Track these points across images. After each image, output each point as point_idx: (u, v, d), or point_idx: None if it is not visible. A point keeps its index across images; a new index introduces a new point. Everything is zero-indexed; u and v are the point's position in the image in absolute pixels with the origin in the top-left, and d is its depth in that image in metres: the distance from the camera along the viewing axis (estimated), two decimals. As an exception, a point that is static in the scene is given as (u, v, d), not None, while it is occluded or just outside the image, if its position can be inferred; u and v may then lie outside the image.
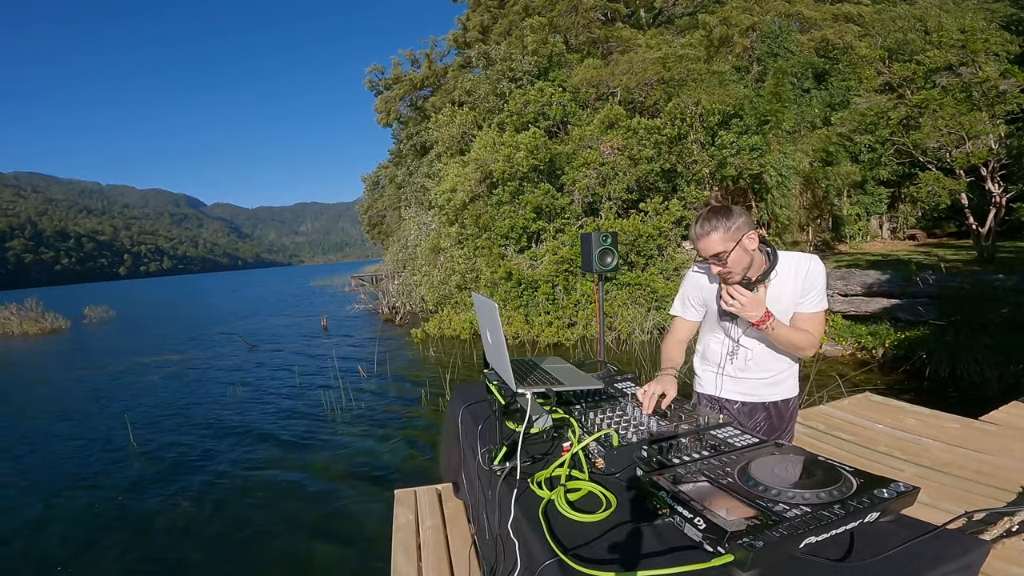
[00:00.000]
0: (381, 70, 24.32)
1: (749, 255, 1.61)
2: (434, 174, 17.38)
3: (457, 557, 2.12)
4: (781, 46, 14.68)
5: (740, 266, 1.61)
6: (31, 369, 12.88)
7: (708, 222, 1.59)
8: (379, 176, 28.97)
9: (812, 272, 1.68)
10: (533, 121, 13.49)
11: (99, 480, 5.18)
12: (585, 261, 3.75)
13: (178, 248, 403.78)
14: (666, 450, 1.34)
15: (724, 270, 1.62)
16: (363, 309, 19.17)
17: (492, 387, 1.85)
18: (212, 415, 7.22)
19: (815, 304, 1.70)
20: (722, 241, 1.57)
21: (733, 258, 1.58)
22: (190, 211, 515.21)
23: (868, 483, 1.06)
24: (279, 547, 3.72)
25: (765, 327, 1.63)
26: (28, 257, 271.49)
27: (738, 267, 1.61)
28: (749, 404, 1.87)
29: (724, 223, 1.57)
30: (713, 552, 0.93)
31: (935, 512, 2.32)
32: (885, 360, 7.22)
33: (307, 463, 5.25)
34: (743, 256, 1.59)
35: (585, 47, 16.99)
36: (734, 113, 11.91)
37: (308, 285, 43.81)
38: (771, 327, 1.63)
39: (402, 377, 8.76)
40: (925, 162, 12.18)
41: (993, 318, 6.93)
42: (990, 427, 3.37)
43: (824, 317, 1.74)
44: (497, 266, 11.88)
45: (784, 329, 1.65)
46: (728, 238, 1.57)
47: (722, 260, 1.59)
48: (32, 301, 21.78)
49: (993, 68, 11.94)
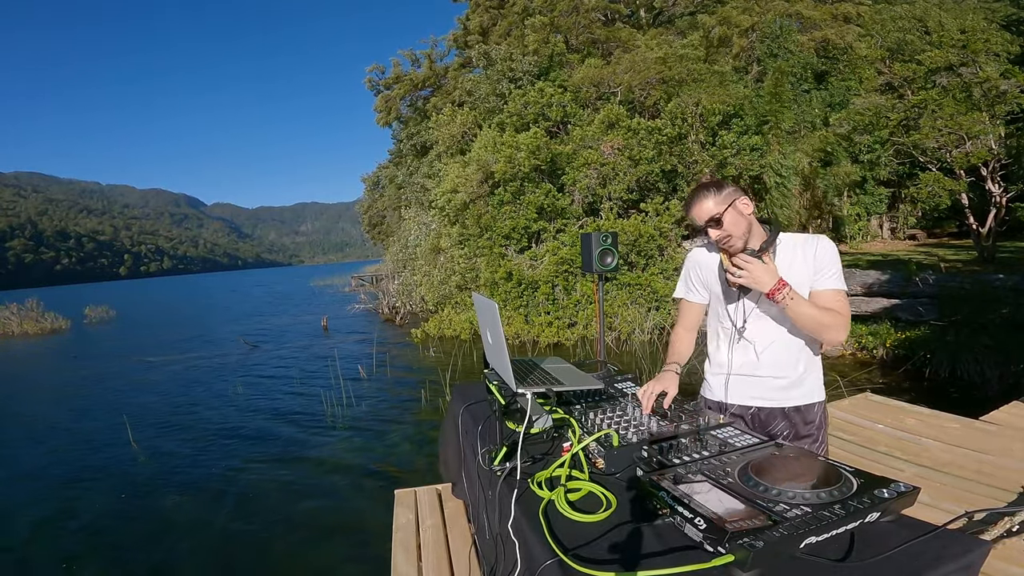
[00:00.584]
0: (382, 70, 24.35)
1: (746, 220, 1.55)
2: (434, 174, 17.38)
3: (457, 557, 2.12)
4: (781, 46, 14.68)
5: (739, 230, 1.54)
6: (31, 369, 12.89)
7: (700, 192, 1.58)
8: (379, 176, 29.00)
9: (822, 249, 1.56)
10: (534, 121, 13.49)
11: (98, 479, 5.18)
12: (585, 261, 3.75)
13: (178, 248, 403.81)
14: (666, 450, 1.34)
15: (722, 234, 1.55)
16: (363, 309, 19.17)
17: (492, 387, 1.85)
18: (212, 415, 7.22)
19: (834, 281, 1.53)
20: (715, 204, 1.54)
21: (729, 220, 1.53)
22: (190, 211, 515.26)
23: (868, 483, 1.06)
24: (278, 547, 3.72)
25: (781, 297, 1.46)
26: (28, 257, 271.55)
27: (737, 231, 1.54)
28: (765, 410, 1.68)
29: (715, 191, 1.56)
30: (713, 552, 0.93)
31: (935, 512, 2.31)
32: (885, 360, 7.22)
33: (307, 463, 5.25)
34: (739, 219, 1.54)
35: (585, 47, 17.00)
36: (734, 113, 11.91)
37: (308, 285, 43.81)
38: (789, 296, 1.46)
39: (402, 377, 8.76)
40: (925, 162, 12.18)
41: (993, 318, 6.93)
42: (990, 427, 3.37)
43: (846, 296, 1.55)
44: (497, 266, 11.88)
45: (805, 302, 1.48)
46: (721, 201, 1.54)
47: (719, 223, 1.54)
48: (32, 301, 21.78)
49: (993, 68, 11.95)
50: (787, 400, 1.66)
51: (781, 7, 15.59)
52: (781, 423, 1.67)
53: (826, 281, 1.54)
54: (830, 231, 16.00)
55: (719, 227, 1.55)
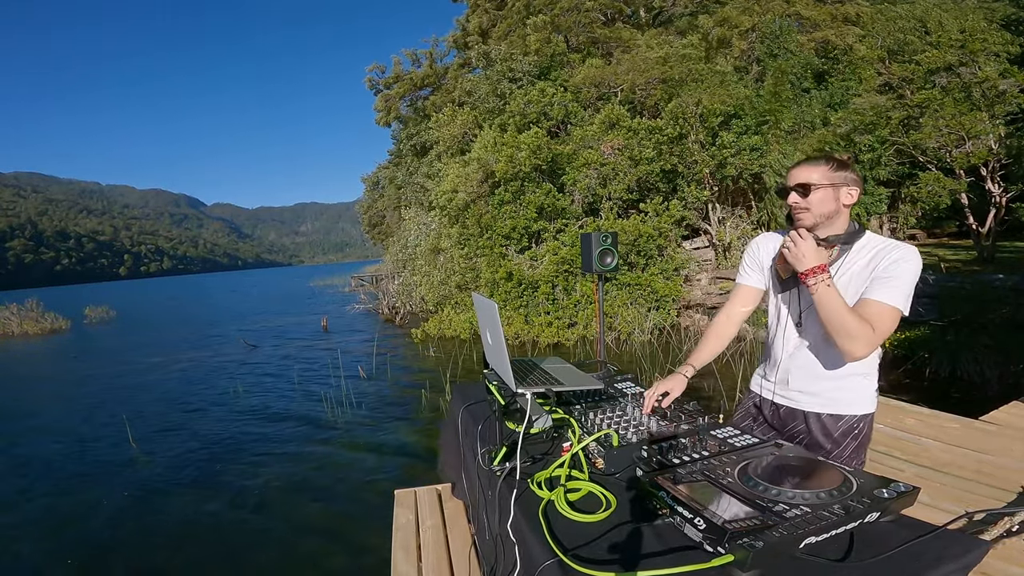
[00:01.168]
0: (382, 69, 24.35)
1: (837, 206, 1.42)
2: (434, 174, 17.38)
3: (457, 557, 2.12)
4: (781, 46, 14.68)
5: (821, 208, 1.41)
6: (30, 369, 12.89)
7: (818, 158, 1.44)
8: (379, 176, 29.01)
9: (896, 257, 1.37)
10: (535, 121, 13.50)
11: (97, 479, 5.17)
12: (585, 261, 3.75)
13: (178, 248, 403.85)
14: (666, 450, 1.34)
15: (802, 203, 1.43)
16: (363, 309, 19.17)
17: (492, 387, 1.85)
18: (212, 415, 7.22)
19: (887, 294, 1.34)
20: (820, 175, 1.41)
21: (818, 196, 1.40)
22: (190, 211, 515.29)
23: (868, 483, 1.06)
24: (278, 547, 3.72)
25: (813, 282, 1.36)
26: (28, 257, 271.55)
27: (818, 208, 1.41)
28: (786, 409, 1.61)
29: (835, 165, 1.42)
30: (713, 552, 0.93)
31: (935, 512, 2.32)
32: (885, 360, 7.18)
33: (307, 462, 5.25)
34: (829, 201, 1.41)
35: (586, 47, 17.00)
36: (734, 113, 11.91)
37: (308, 285, 43.82)
38: (823, 282, 1.35)
39: (402, 377, 8.76)
40: (925, 162, 12.18)
41: (993, 318, 6.93)
42: (990, 427, 3.37)
43: (896, 316, 1.35)
44: (497, 266, 11.89)
45: (838, 297, 1.34)
46: (828, 176, 1.41)
47: (807, 192, 1.41)
48: (32, 301, 21.77)
49: (993, 68, 11.95)
50: (810, 406, 1.55)
51: (781, 7, 15.59)
52: (799, 426, 1.58)
53: (880, 290, 1.36)
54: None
55: (804, 196, 1.42)
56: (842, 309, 1.34)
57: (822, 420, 1.54)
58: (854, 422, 1.52)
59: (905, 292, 1.35)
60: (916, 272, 1.37)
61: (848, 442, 1.52)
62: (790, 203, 1.45)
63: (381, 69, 24.37)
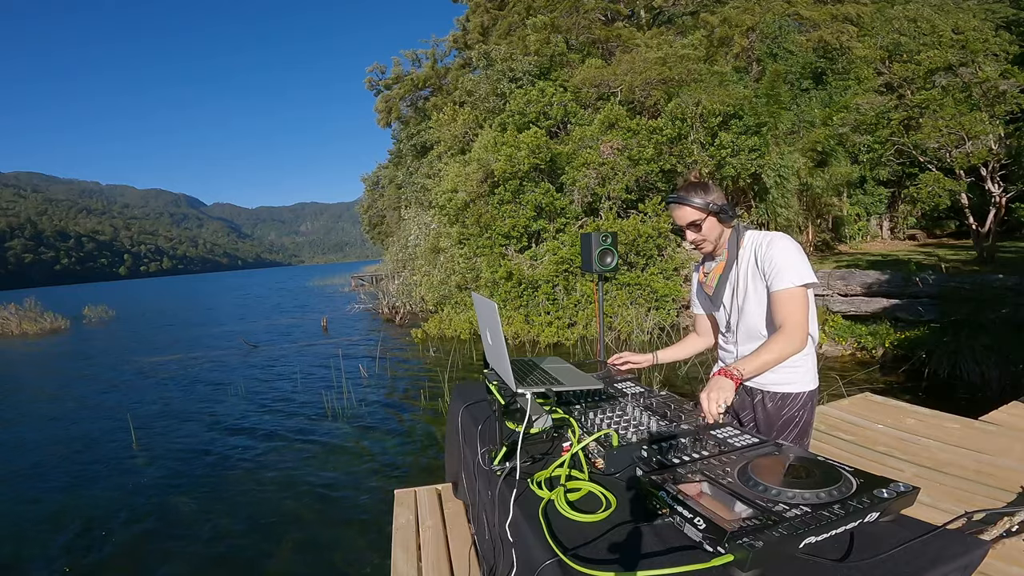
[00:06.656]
0: (382, 70, 24.35)
1: (721, 226, 1.73)
2: (434, 174, 17.37)
3: (457, 557, 2.12)
4: (780, 46, 14.69)
5: (713, 234, 1.72)
6: (30, 369, 12.88)
7: (686, 193, 1.70)
8: (379, 176, 29.00)
9: (772, 249, 1.62)
10: (535, 121, 13.50)
11: (100, 479, 5.18)
12: (585, 261, 3.74)
13: (178, 248, 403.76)
14: (666, 450, 1.34)
15: (699, 237, 1.73)
16: (363, 309, 19.18)
17: (492, 387, 1.85)
18: (212, 415, 7.22)
19: (781, 280, 1.58)
20: (699, 207, 1.68)
21: (707, 226, 1.70)
22: (190, 211, 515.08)
23: (868, 483, 1.06)
24: (278, 547, 3.72)
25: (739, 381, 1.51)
26: (28, 257, 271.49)
27: (711, 235, 1.72)
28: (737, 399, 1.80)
29: (701, 194, 1.68)
30: (713, 552, 0.93)
31: (935, 512, 2.32)
32: (885, 360, 7.22)
33: (307, 463, 5.25)
34: (715, 225, 1.71)
35: (586, 47, 17.00)
36: (734, 113, 11.92)
37: (308, 285, 43.81)
38: (743, 376, 1.52)
39: (402, 377, 8.76)
40: (925, 162, 12.18)
41: (993, 318, 6.92)
42: (990, 427, 3.37)
43: (800, 294, 1.58)
44: (497, 266, 11.88)
45: (753, 364, 1.55)
46: (704, 203, 1.68)
47: (699, 227, 1.70)
48: (31, 301, 21.77)
49: (993, 68, 11.95)
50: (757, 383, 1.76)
51: (781, 7, 15.59)
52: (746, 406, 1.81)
53: (774, 281, 1.61)
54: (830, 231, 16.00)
55: (697, 231, 1.72)
56: (768, 359, 1.56)
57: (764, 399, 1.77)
58: (792, 399, 1.73)
59: (792, 268, 1.57)
60: (788, 247, 1.61)
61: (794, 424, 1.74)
62: (691, 241, 1.76)
63: (381, 70, 24.38)
